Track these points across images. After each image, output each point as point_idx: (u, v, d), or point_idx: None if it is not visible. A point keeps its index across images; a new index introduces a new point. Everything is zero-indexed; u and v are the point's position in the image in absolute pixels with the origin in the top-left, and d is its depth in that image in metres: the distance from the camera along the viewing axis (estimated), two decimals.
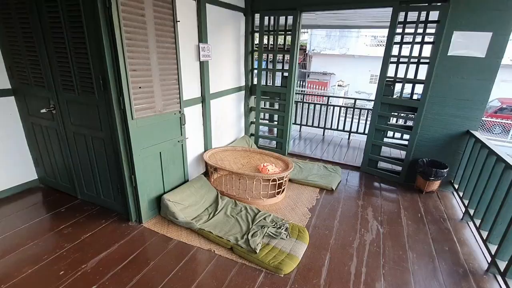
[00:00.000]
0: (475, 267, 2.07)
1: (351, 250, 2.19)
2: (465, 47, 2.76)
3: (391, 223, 2.57)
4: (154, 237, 2.24)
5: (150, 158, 2.33)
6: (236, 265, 1.98)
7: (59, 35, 2.09)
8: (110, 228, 2.32)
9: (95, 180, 2.51)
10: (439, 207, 2.88)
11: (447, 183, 3.20)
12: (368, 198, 3.02)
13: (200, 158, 3.20)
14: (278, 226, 2.35)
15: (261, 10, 3.58)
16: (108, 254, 2.04)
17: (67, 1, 1.94)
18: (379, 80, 3.24)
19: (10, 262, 1.92)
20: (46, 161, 2.77)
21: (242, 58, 3.84)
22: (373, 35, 13.95)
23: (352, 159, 4.17)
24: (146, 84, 2.13)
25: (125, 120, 2.06)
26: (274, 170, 2.93)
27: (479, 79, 2.78)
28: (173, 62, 2.33)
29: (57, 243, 2.12)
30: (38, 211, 2.51)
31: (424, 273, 1.99)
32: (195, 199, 2.62)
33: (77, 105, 2.29)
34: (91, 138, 2.34)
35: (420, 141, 3.20)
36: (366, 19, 5.06)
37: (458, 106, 2.93)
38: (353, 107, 5.27)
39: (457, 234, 2.45)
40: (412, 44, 2.96)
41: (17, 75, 2.51)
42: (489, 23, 2.61)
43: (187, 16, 2.59)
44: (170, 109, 2.40)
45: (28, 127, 2.72)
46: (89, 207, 2.60)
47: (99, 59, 1.97)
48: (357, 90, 14.48)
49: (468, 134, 2.94)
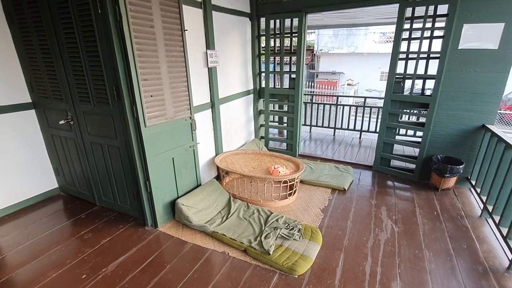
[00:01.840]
0: (495, 264, 2.01)
1: (365, 250, 2.17)
2: (477, 40, 2.70)
3: (406, 222, 2.53)
4: (169, 241, 2.30)
5: (163, 164, 2.40)
6: (250, 267, 2.01)
7: (74, 49, 2.20)
8: (127, 233, 2.40)
9: (112, 187, 2.61)
10: (456, 205, 2.80)
11: (463, 180, 3.12)
12: (381, 197, 2.98)
13: (211, 162, 3.26)
14: (290, 227, 2.36)
15: (267, 14, 3.63)
16: (126, 258, 2.11)
17: (80, 17, 2.05)
18: (388, 78, 3.20)
19: (36, 266, 2.03)
20: (66, 170, 2.90)
21: (249, 62, 3.89)
22: (381, 32, 13.74)
23: (364, 158, 4.12)
24: (157, 93, 2.20)
25: (138, 128, 2.14)
26: (285, 172, 2.94)
27: (493, 72, 2.70)
28: (182, 70, 2.40)
29: (78, 248, 2.21)
30: (60, 218, 2.63)
31: (442, 272, 1.94)
32: (208, 203, 2.67)
33: (93, 115, 2.40)
34: (107, 147, 2.44)
35: (434, 137, 3.13)
36: (373, 16, 5.01)
37: (472, 100, 2.85)
38: (363, 106, 5.21)
39: (475, 231, 2.38)
40: (421, 39, 2.91)
41: (36, 89, 2.65)
42: (501, 13, 2.54)
43: (194, 25, 2.66)
44: (181, 115, 2.47)
45: (48, 138, 2.86)
46: (107, 213, 2.70)
47: (112, 71, 2.06)
48: (367, 88, 14.28)
49: (483, 128, 2.86)
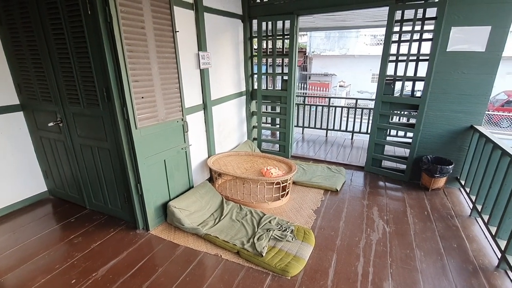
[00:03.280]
0: (485, 263, 2.04)
1: (357, 250, 2.19)
2: (464, 42, 2.76)
3: (397, 221, 2.55)
4: (161, 244, 2.27)
5: (155, 166, 2.37)
6: (243, 269, 2.00)
7: (63, 50, 2.17)
8: (118, 237, 2.36)
9: (103, 190, 2.57)
10: (446, 204, 2.85)
11: (453, 180, 3.17)
12: (373, 197, 3.00)
13: (204, 164, 3.24)
14: (283, 228, 2.36)
15: (259, 16, 3.64)
16: (117, 262, 2.08)
17: (70, 17, 2.02)
18: (379, 79, 3.25)
19: (25, 272, 1.98)
20: (55, 173, 2.85)
21: (241, 64, 3.89)
22: (372, 34, 13.95)
23: (355, 159, 4.16)
24: (148, 94, 2.18)
25: (129, 130, 2.11)
26: (278, 173, 2.95)
27: (480, 73, 2.77)
28: (174, 71, 2.38)
29: (68, 253, 2.17)
30: (49, 222, 2.57)
31: (433, 271, 1.97)
32: (201, 205, 2.65)
33: (82, 117, 2.36)
34: (97, 149, 2.40)
35: (424, 138, 3.18)
36: (364, 19, 5.08)
37: (461, 102, 2.91)
38: (355, 107, 5.27)
39: (465, 230, 2.42)
40: (410, 41, 2.97)
41: (25, 91, 2.60)
42: (487, 16, 2.61)
43: (186, 26, 2.65)
44: (173, 117, 2.45)
45: (37, 140, 2.80)
46: (98, 216, 2.65)
47: (103, 72, 2.03)
48: (359, 90, 14.45)
49: (472, 129, 2.92)
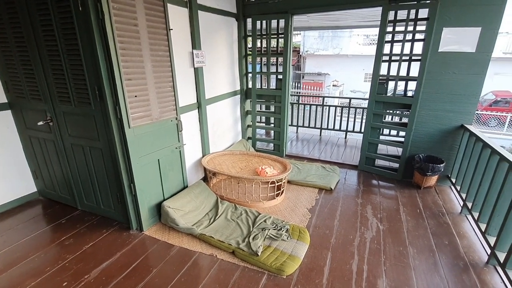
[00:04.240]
0: (475, 259, 2.09)
1: (352, 248, 2.21)
2: (455, 43, 2.80)
3: (391, 219, 2.59)
4: (155, 245, 2.25)
5: (148, 166, 2.34)
6: (239, 269, 1.99)
7: (53, 47, 2.11)
8: (111, 238, 2.32)
9: (95, 190, 2.52)
10: (438, 202, 2.90)
11: (444, 178, 3.23)
12: (366, 196, 3.04)
13: (198, 164, 3.22)
14: (278, 228, 2.36)
15: (253, 15, 3.63)
16: (110, 263, 2.04)
17: (60, 14, 1.97)
18: (372, 79, 3.28)
19: (13, 275, 1.92)
20: (45, 173, 2.78)
21: (236, 63, 3.87)
22: (365, 34, 14.10)
23: (349, 158, 4.19)
24: (141, 93, 2.15)
25: (122, 129, 2.07)
26: (273, 173, 2.95)
27: (470, 74, 2.82)
28: (168, 69, 2.35)
29: (59, 255, 2.12)
30: (39, 224, 2.51)
31: (425, 267, 2.00)
32: (195, 205, 2.63)
33: (73, 116, 2.31)
34: (89, 149, 2.35)
35: (416, 137, 3.23)
36: (357, 19, 5.12)
37: (452, 101, 2.96)
38: (349, 106, 5.31)
39: (456, 227, 2.47)
40: (403, 42, 3.00)
41: (13, 89, 2.52)
42: (478, 18, 2.66)
43: (179, 24, 2.62)
44: (167, 116, 2.42)
45: (26, 140, 2.72)
46: (90, 217, 2.60)
47: (94, 70, 1.99)
48: (352, 89, 14.59)
49: (462, 128, 2.98)
